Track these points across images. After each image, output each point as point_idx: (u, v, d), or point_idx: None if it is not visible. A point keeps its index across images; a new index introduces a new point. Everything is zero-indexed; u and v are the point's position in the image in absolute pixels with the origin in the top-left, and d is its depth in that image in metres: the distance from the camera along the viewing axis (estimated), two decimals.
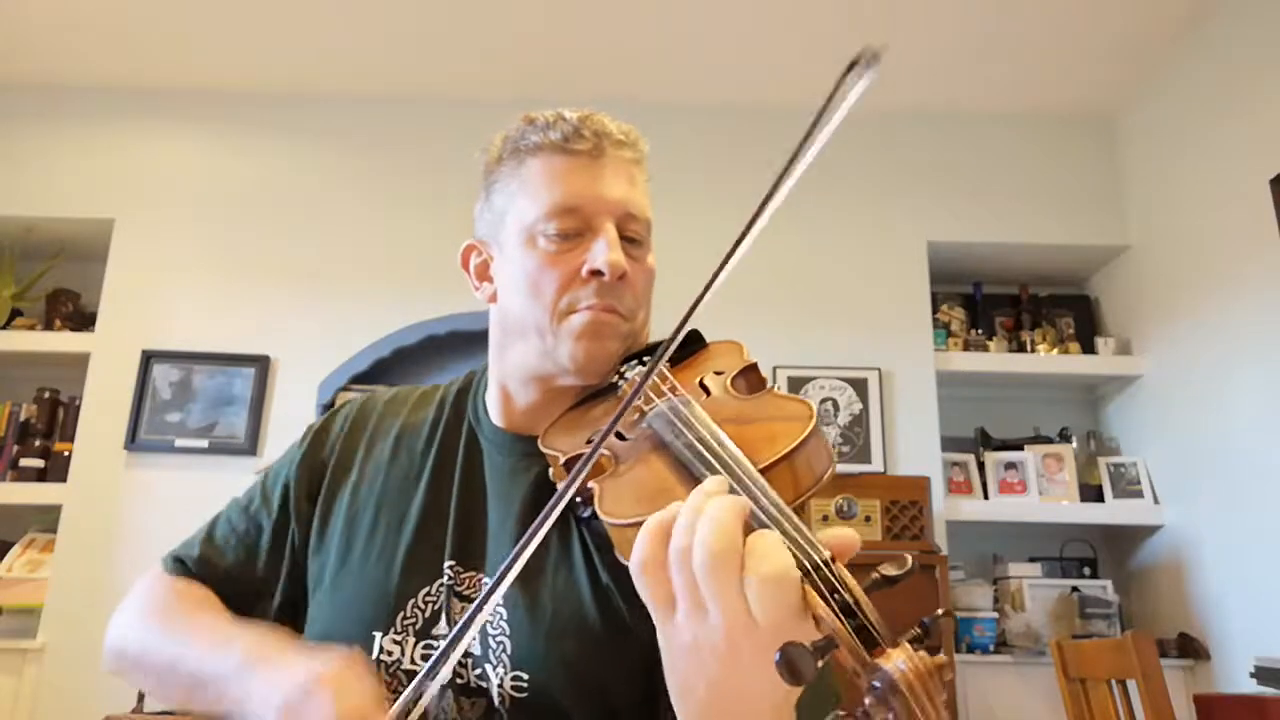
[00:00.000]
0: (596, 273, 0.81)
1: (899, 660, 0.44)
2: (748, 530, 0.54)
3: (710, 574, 0.52)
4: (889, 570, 0.50)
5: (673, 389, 0.74)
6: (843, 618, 0.48)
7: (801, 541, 0.52)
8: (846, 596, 0.49)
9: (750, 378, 0.80)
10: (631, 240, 0.85)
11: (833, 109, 0.69)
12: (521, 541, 0.62)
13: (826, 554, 0.52)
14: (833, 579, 0.50)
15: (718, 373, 0.79)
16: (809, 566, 0.51)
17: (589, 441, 0.75)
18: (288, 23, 3.10)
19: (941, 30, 3.06)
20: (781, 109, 3.48)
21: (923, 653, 0.45)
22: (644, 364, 0.83)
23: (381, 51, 3.25)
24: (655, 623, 0.58)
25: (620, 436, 0.73)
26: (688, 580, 0.54)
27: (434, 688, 0.65)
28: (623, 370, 0.84)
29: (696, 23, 3.07)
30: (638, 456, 0.69)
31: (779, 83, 3.36)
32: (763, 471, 0.58)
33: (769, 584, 0.51)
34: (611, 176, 0.84)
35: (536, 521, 0.62)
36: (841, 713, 0.44)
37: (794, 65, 3.27)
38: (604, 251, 0.81)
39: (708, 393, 0.77)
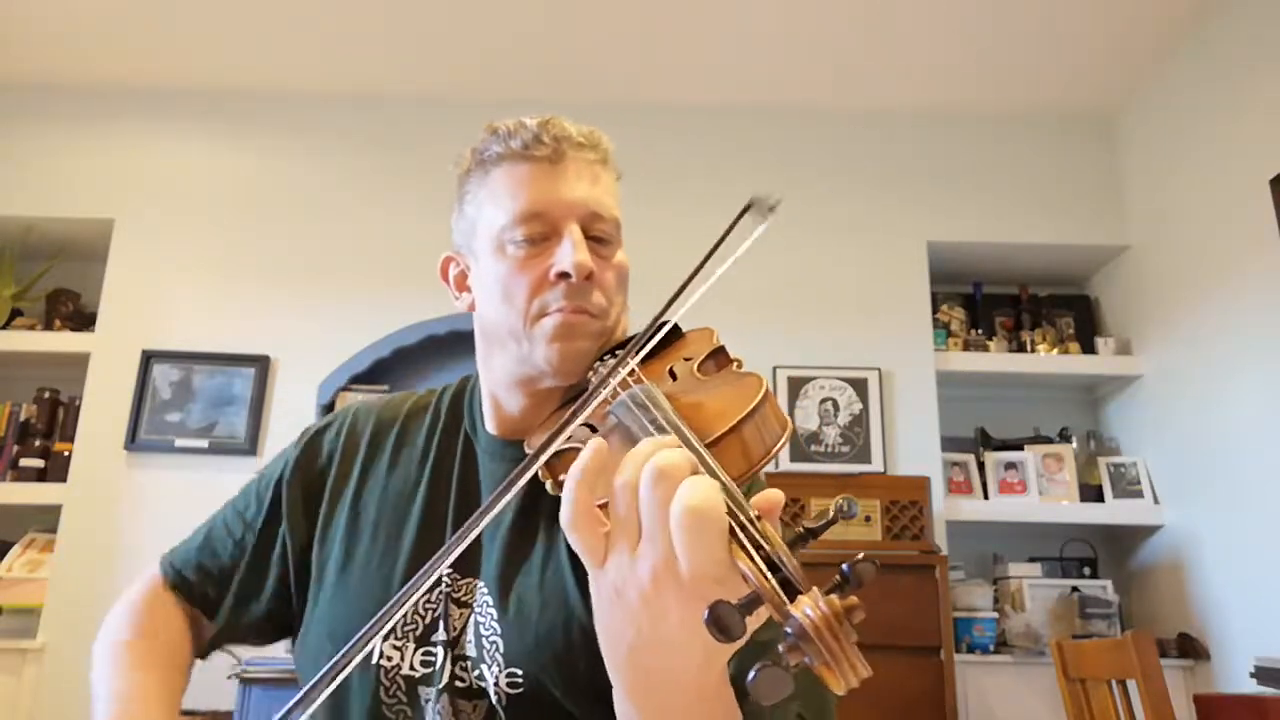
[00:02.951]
0: (564, 275, 0.83)
1: (806, 606, 0.46)
2: None
3: (651, 490, 0.53)
4: (809, 523, 0.52)
5: (638, 380, 0.76)
6: (767, 572, 0.49)
7: (730, 503, 0.53)
8: (770, 551, 0.50)
9: (719, 359, 0.81)
10: (598, 239, 0.86)
11: (727, 248, 0.73)
12: (480, 509, 0.63)
13: (754, 513, 0.53)
14: (757, 536, 0.51)
15: (686, 359, 0.81)
16: (735, 526, 0.52)
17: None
18: (288, 23, 3.10)
19: (941, 30, 3.06)
20: (782, 110, 3.48)
21: (832, 596, 0.46)
22: (615, 357, 0.84)
23: (381, 51, 3.25)
24: (589, 574, 0.59)
25: (592, 429, 0.75)
26: (627, 514, 0.55)
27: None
28: (598, 367, 0.86)
29: (695, 23, 3.07)
30: (606, 445, 0.72)
31: (779, 84, 3.36)
32: (712, 444, 0.60)
33: (692, 515, 0.51)
34: (574, 178, 0.86)
35: (498, 489, 0.63)
36: (768, 662, 0.45)
37: (794, 66, 3.27)
38: (569, 254, 0.82)
39: (675, 378, 0.78)
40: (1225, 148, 2.84)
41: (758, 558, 0.50)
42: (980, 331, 3.41)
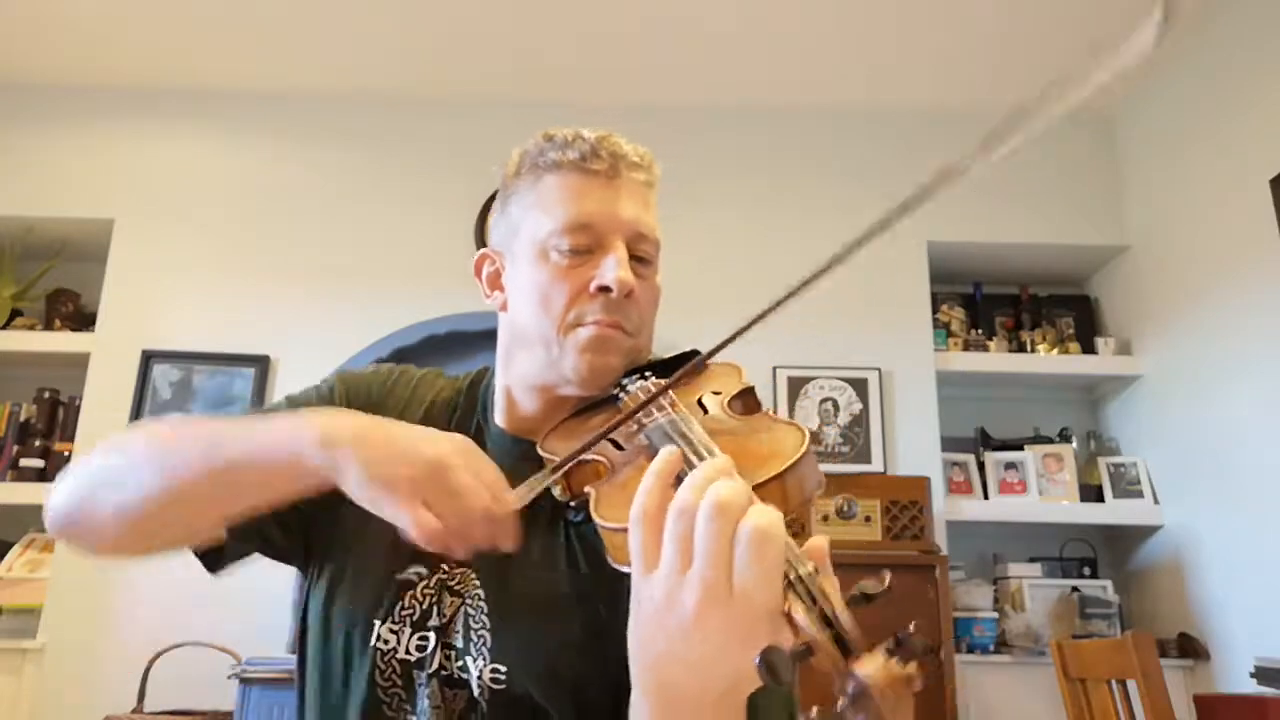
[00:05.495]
0: (605, 289, 0.84)
1: (871, 668, 0.48)
2: None
3: (710, 520, 0.54)
4: (868, 589, 0.53)
5: (672, 405, 0.77)
6: (821, 626, 0.51)
7: (788, 555, 0.54)
8: (826, 608, 0.52)
9: (747, 400, 0.82)
10: (640, 260, 0.88)
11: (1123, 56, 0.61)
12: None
13: (811, 566, 0.54)
14: (813, 591, 0.52)
15: (715, 393, 0.82)
16: (792, 578, 0.53)
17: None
18: (287, 23, 3.10)
19: (941, 30, 3.06)
20: (782, 110, 3.48)
21: (894, 662, 0.48)
22: (645, 378, 0.86)
23: (382, 52, 3.25)
24: (633, 578, 0.59)
25: (618, 446, 0.76)
26: (683, 531, 0.55)
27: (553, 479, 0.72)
28: (624, 384, 0.87)
29: (696, 24, 3.07)
30: (635, 465, 0.72)
31: (778, 84, 3.36)
32: (755, 488, 0.60)
33: (758, 535, 0.53)
34: (625, 197, 0.87)
35: (525, 484, 0.68)
36: (815, 710, 0.47)
37: (793, 66, 3.27)
38: (613, 269, 0.84)
39: (705, 410, 0.79)
40: (1225, 148, 2.83)
41: (813, 611, 0.51)
42: (980, 331, 3.41)
